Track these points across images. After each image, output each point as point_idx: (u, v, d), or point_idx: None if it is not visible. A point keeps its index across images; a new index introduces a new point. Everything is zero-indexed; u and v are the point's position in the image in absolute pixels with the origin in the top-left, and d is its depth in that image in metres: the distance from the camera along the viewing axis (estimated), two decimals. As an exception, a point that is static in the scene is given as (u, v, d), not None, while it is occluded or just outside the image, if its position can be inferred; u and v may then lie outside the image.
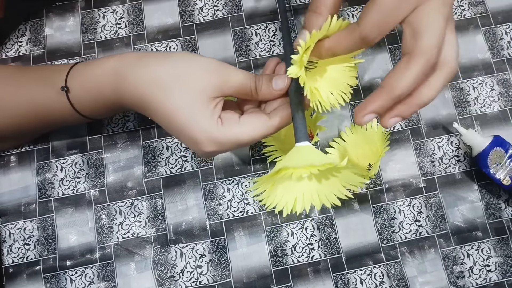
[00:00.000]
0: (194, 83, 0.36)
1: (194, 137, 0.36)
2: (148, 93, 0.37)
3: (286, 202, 0.36)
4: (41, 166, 0.49)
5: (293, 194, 0.37)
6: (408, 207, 0.48)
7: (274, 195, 0.36)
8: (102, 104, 0.40)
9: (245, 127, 0.37)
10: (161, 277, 0.46)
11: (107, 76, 0.38)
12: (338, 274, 0.46)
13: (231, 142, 0.37)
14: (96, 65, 0.40)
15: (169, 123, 0.37)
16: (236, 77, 0.38)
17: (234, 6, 0.54)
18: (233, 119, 0.37)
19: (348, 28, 0.35)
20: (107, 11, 0.53)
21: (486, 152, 0.46)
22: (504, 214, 0.48)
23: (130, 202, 0.48)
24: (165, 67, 0.37)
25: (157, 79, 0.36)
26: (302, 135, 0.36)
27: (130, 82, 0.37)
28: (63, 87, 0.40)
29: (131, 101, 0.38)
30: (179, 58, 0.38)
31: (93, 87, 0.40)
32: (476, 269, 0.47)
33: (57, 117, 0.42)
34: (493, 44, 0.53)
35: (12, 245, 0.47)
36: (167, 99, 0.36)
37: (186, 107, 0.36)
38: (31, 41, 0.52)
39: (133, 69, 0.37)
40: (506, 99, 0.51)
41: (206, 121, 0.36)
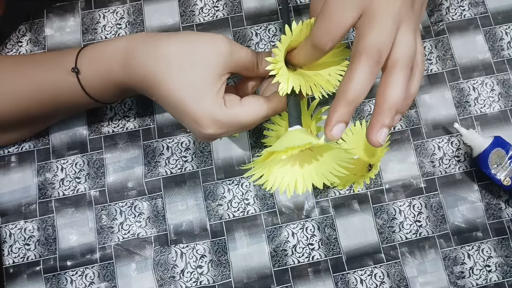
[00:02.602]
0: (204, 58, 0.36)
1: (196, 116, 0.36)
2: (155, 67, 0.36)
3: (287, 184, 0.36)
4: (41, 166, 0.49)
5: (293, 176, 0.37)
6: (409, 208, 0.48)
7: (274, 178, 0.36)
8: (111, 84, 0.40)
9: (246, 108, 0.37)
10: (162, 278, 0.46)
11: (117, 55, 0.38)
12: (338, 275, 0.46)
13: (233, 123, 0.37)
14: (106, 45, 0.40)
15: (172, 99, 0.37)
16: (241, 52, 0.38)
17: (234, 7, 0.54)
18: (235, 100, 0.38)
19: (305, 39, 0.37)
20: (108, 12, 0.53)
21: (487, 153, 0.46)
22: (504, 214, 0.48)
23: (131, 202, 0.48)
24: (174, 42, 0.37)
25: (165, 54, 0.36)
26: (294, 119, 0.36)
27: (139, 59, 0.37)
28: (74, 69, 0.40)
29: (139, 81, 0.38)
30: (189, 34, 0.38)
31: (103, 67, 0.39)
32: (476, 270, 0.47)
33: (65, 100, 0.42)
34: (493, 44, 0.53)
35: (13, 245, 0.47)
36: (173, 74, 0.36)
37: (191, 83, 0.36)
38: (32, 41, 0.52)
39: (142, 46, 0.37)
40: (506, 100, 0.51)
41: (211, 100, 0.36)
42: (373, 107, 0.50)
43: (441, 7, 0.54)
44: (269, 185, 0.36)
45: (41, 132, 0.49)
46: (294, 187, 0.36)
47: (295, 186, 0.36)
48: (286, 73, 0.36)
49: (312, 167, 0.36)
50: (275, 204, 0.48)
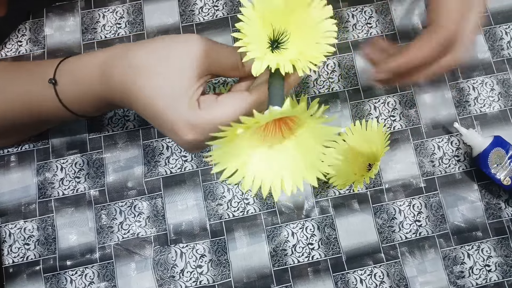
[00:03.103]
0: (177, 63, 0.35)
1: (172, 124, 0.34)
2: (129, 78, 0.35)
3: (271, 182, 0.29)
4: (41, 166, 0.49)
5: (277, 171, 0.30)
6: (408, 207, 0.48)
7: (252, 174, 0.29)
8: (91, 98, 0.40)
9: (224, 106, 0.34)
10: (161, 277, 0.46)
11: (96, 69, 0.38)
12: (338, 274, 0.46)
13: (211, 125, 0.34)
14: (85, 59, 0.40)
15: (149, 110, 0.35)
16: (221, 52, 0.36)
17: (234, 6, 0.54)
18: (210, 100, 0.35)
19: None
20: (107, 11, 0.53)
21: (487, 152, 0.46)
22: (504, 214, 0.48)
23: (130, 202, 0.48)
24: (146, 51, 0.36)
25: (138, 63, 0.35)
26: (274, 100, 0.31)
27: (114, 70, 0.36)
28: (51, 80, 0.39)
29: (116, 90, 0.37)
30: (163, 39, 0.36)
31: (82, 81, 0.39)
32: (476, 269, 0.47)
33: (47, 112, 0.42)
34: (493, 44, 0.53)
35: (12, 245, 0.47)
36: (147, 83, 0.35)
37: (165, 90, 0.34)
38: (31, 41, 0.52)
39: (117, 58, 0.37)
40: (506, 99, 0.51)
41: (185, 106, 0.34)
42: (372, 107, 0.51)
43: (441, 6, 0.54)
44: (247, 185, 0.29)
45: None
46: (280, 187, 0.30)
47: (281, 185, 0.30)
48: (260, 50, 0.31)
49: (299, 158, 0.30)
50: (275, 203, 0.48)
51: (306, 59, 0.32)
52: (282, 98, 0.31)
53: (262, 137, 0.30)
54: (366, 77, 0.52)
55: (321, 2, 0.32)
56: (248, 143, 0.30)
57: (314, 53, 0.32)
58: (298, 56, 0.32)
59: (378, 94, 0.51)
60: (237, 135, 0.28)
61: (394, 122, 0.50)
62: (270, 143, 0.31)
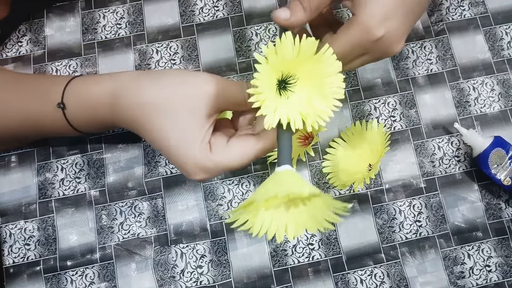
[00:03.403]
0: (188, 103, 0.35)
1: (183, 165, 0.35)
2: (141, 115, 0.36)
3: (277, 228, 0.32)
4: (41, 166, 0.49)
5: (282, 218, 0.33)
6: (409, 208, 0.48)
7: (261, 222, 0.32)
8: (97, 122, 0.41)
9: (233, 153, 0.35)
10: (162, 278, 0.46)
11: (103, 96, 0.38)
12: (338, 275, 0.46)
13: (220, 169, 0.35)
14: (93, 83, 0.40)
15: (160, 147, 0.36)
16: (230, 89, 0.36)
17: (234, 7, 0.54)
18: (221, 145, 0.36)
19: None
20: (108, 12, 0.53)
21: (487, 153, 0.46)
22: (504, 214, 0.48)
23: (131, 202, 0.48)
24: (156, 89, 0.36)
25: (149, 99, 0.36)
26: (283, 158, 0.33)
27: (125, 104, 0.37)
28: (60, 104, 0.40)
29: (126, 122, 0.38)
30: (173, 76, 0.37)
31: (89, 106, 0.39)
32: (476, 270, 0.47)
33: (53, 129, 0.42)
34: (493, 44, 0.53)
35: (13, 245, 0.47)
36: (157, 120, 0.35)
37: (177, 131, 0.35)
38: (32, 41, 0.52)
39: (126, 92, 0.37)
40: (506, 100, 0.51)
41: (196, 148, 0.35)
42: (373, 107, 0.51)
43: (441, 7, 0.54)
44: (256, 230, 0.32)
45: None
46: (284, 232, 0.32)
47: (285, 231, 0.32)
48: (273, 104, 0.32)
49: (304, 209, 0.32)
50: (275, 204, 0.48)
51: (315, 112, 0.33)
52: (291, 153, 0.33)
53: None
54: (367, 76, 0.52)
55: (332, 57, 0.33)
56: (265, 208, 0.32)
57: (321, 106, 0.33)
58: (306, 105, 0.33)
59: (378, 95, 0.51)
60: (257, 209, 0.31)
61: (394, 122, 0.50)
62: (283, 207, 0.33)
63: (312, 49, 0.32)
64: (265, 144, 0.35)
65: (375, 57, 0.37)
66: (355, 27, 0.35)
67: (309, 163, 0.49)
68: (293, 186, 0.30)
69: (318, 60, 0.33)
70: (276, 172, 0.32)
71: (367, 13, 0.34)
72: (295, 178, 0.31)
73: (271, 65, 0.32)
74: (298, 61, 0.33)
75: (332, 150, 0.49)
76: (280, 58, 0.32)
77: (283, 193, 0.29)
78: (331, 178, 0.48)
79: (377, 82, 0.52)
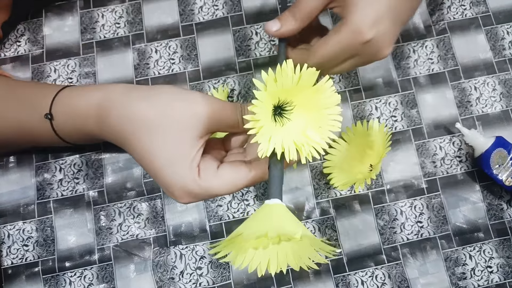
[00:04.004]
0: (180, 123, 0.33)
1: (169, 187, 0.34)
2: (128, 131, 0.34)
3: (259, 262, 0.31)
4: (39, 167, 0.48)
5: (266, 253, 0.31)
6: (410, 208, 0.48)
7: (244, 255, 0.31)
8: (84, 134, 0.40)
9: (223, 180, 0.34)
10: (161, 279, 0.46)
11: (91, 109, 0.37)
12: (339, 276, 0.46)
13: (207, 195, 0.34)
14: (82, 95, 0.39)
15: (146, 166, 0.35)
16: (223, 111, 0.35)
17: (234, 6, 0.53)
18: (210, 170, 0.34)
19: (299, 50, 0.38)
20: (106, 11, 0.53)
21: (489, 153, 0.45)
22: (506, 215, 0.48)
23: (129, 203, 0.48)
24: (147, 105, 0.34)
25: (138, 117, 0.34)
26: (273, 190, 0.31)
27: (112, 119, 0.35)
28: (47, 115, 0.39)
29: (113, 136, 0.37)
30: (166, 93, 0.35)
31: (76, 117, 0.38)
32: (478, 271, 0.46)
33: (42, 139, 0.42)
34: (494, 44, 0.52)
35: (11, 246, 0.46)
36: (145, 138, 0.34)
37: (165, 150, 0.33)
38: (30, 41, 0.52)
39: (116, 104, 0.36)
40: (508, 99, 0.51)
41: (184, 171, 0.33)
42: (374, 107, 0.50)
43: (443, 6, 0.54)
44: (237, 263, 0.31)
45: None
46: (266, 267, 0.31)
47: (267, 265, 0.31)
48: (268, 132, 0.31)
49: (288, 246, 0.31)
50: (275, 204, 0.48)
51: (309, 142, 0.32)
52: (281, 185, 0.32)
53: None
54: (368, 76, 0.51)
55: (330, 89, 0.32)
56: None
57: (316, 137, 0.33)
58: (301, 135, 0.33)
59: (379, 94, 0.51)
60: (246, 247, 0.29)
61: (395, 122, 0.50)
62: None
63: (312, 79, 0.32)
64: (257, 174, 0.34)
65: (364, 60, 0.37)
66: (346, 29, 0.35)
67: (309, 163, 0.49)
68: (284, 225, 0.29)
69: (317, 90, 0.32)
70: (265, 204, 0.31)
71: (358, 16, 0.35)
72: (285, 214, 0.30)
73: (269, 92, 0.31)
74: (296, 89, 0.32)
75: (333, 150, 0.49)
76: (279, 86, 0.31)
77: (274, 233, 0.28)
78: (332, 178, 0.47)
79: (378, 82, 0.51)
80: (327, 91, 0.33)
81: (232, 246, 0.30)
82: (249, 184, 0.35)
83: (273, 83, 0.31)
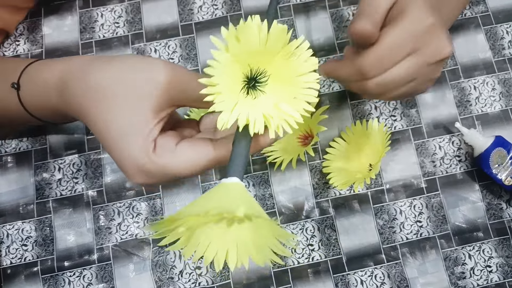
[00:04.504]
0: (137, 92, 0.30)
1: (120, 161, 0.31)
2: (85, 99, 0.32)
3: (215, 253, 0.27)
4: (38, 166, 0.48)
5: (223, 242, 0.28)
6: (409, 208, 0.48)
7: (196, 243, 0.27)
8: (50, 108, 0.37)
9: (180, 157, 0.30)
10: (160, 279, 0.46)
11: (53, 82, 0.35)
12: (338, 275, 0.46)
13: (163, 173, 0.30)
14: (45, 67, 0.37)
15: (101, 139, 0.32)
16: (186, 81, 0.31)
17: (233, 5, 0.53)
18: (169, 146, 0.31)
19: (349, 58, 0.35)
20: (106, 10, 0.53)
21: (488, 153, 0.45)
22: (505, 214, 0.48)
23: (129, 202, 0.48)
24: (105, 73, 0.32)
25: (95, 85, 0.31)
26: (235, 168, 0.27)
27: (71, 89, 0.33)
28: (14, 84, 0.37)
29: (73, 110, 0.34)
30: (124, 61, 0.32)
31: (41, 90, 0.37)
32: (477, 270, 0.46)
33: (11, 113, 0.40)
34: (494, 43, 0.52)
35: (10, 246, 0.46)
36: (101, 108, 0.31)
37: (118, 121, 0.30)
38: (29, 40, 0.52)
39: (76, 74, 0.33)
40: (507, 99, 0.51)
41: (138, 145, 0.30)
42: (373, 106, 0.50)
43: (442, 5, 0.54)
44: (188, 253, 0.27)
45: (38, 132, 0.49)
46: (224, 259, 0.27)
47: (226, 257, 0.27)
48: (232, 100, 0.27)
49: (248, 235, 0.28)
50: (274, 204, 0.48)
51: (280, 115, 0.28)
52: (244, 165, 0.28)
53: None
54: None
55: (306, 53, 0.28)
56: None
57: (288, 109, 0.28)
58: (272, 107, 0.28)
59: (378, 94, 0.51)
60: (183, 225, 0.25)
61: (395, 122, 0.50)
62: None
63: (283, 38, 0.27)
64: (221, 153, 0.31)
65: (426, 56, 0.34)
66: (405, 18, 0.33)
67: (309, 163, 0.49)
68: (232, 204, 0.25)
69: (290, 54, 0.28)
70: (221, 183, 0.27)
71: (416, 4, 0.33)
72: (242, 194, 0.26)
73: (233, 54, 0.26)
74: (267, 52, 0.28)
75: (332, 150, 0.49)
76: (243, 46, 0.26)
77: (216, 210, 0.23)
78: (331, 178, 0.47)
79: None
80: (303, 54, 0.28)
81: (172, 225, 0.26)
82: (211, 164, 0.31)
83: (236, 42, 0.26)
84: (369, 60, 0.34)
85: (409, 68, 0.35)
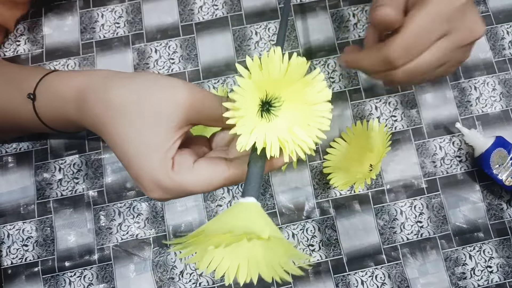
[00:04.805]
0: (158, 110, 0.31)
1: (139, 178, 0.32)
2: (103, 114, 0.33)
3: (227, 267, 0.28)
4: (39, 166, 0.48)
5: (235, 258, 0.29)
6: (410, 208, 0.48)
7: (210, 257, 0.29)
8: (64, 119, 0.38)
9: (198, 176, 0.31)
10: (161, 279, 0.46)
11: (71, 92, 0.36)
12: (339, 276, 0.46)
13: (180, 190, 0.32)
14: (64, 79, 0.38)
15: (119, 154, 0.32)
16: (205, 101, 0.32)
17: (233, 5, 0.53)
18: (185, 165, 0.32)
19: (374, 47, 0.33)
20: (106, 10, 0.53)
21: (489, 153, 0.45)
22: (506, 215, 0.48)
23: (129, 203, 0.48)
24: (125, 88, 0.32)
25: (115, 101, 0.32)
26: (251, 188, 0.28)
27: (90, 103, 0.34)
28: (30, 95, 0.38)
29: (90, 122, 0.35)
30: (145, 78, 0.33)
31: (57, 101, 0.37)
32: (478, 270, 0.46)
33: (24, 122, 0.41)
34: (494, 43, 0.52)
35: (11, 246, 0.46)
36: (120, 124, 0.32)
37: (139, 138, 0.31)
38: (30, 40, 0.52)
39: (95, 89, 0.34)
40: (508, 99, 0.51)
41: (157, 162, 0.31)
42: (374, 107, 0.50)
43: (442, 6, 0.54)
44: (203, 266, 0.29)
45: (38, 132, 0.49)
46: (235, 273, 0.28)
47: (236, 272, 0.28)
48: (250, 124, 0.29)
49: (260, 253, 0.28)
50: (275, 204, 0.48)
51: (295, 140, 0.30)
52: (260, 186, 0.29)
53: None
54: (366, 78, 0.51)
55: (321, 84, 0.30)
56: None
57: (302, 135, 0.30)
58: (286, 132, 0.30)
59: (379, 94, 0.51)
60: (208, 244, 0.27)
61: (395, 122, 0.50)
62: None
63: (302, 70, 0.29)
64: (236, 173, 0.32)
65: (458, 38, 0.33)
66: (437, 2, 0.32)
67: (309, 163, 0.49)
68: (253, 224, 0.26)
69: (306, 84, 0.30)
70: (239, 202, 0.28)
71: None
72: (259, 214, 0.27)
73: (254, 81, 0.28)
74: (285, 81, 0.30)
75: (333, 150, 0.49)
76: (265, 75, 0.28)
77: (240, 231, 0.25)
78: (332, 178, 0.47)
79: (378, 82, 0.51)
80: (318, 85, 0.30)
81: (196, 243, 0.27)
82: (226, 183, 0.32)
83: (258, 71, 0.28)
84: (396, 48, 0.33)
85: (440, 53, 0.33)
